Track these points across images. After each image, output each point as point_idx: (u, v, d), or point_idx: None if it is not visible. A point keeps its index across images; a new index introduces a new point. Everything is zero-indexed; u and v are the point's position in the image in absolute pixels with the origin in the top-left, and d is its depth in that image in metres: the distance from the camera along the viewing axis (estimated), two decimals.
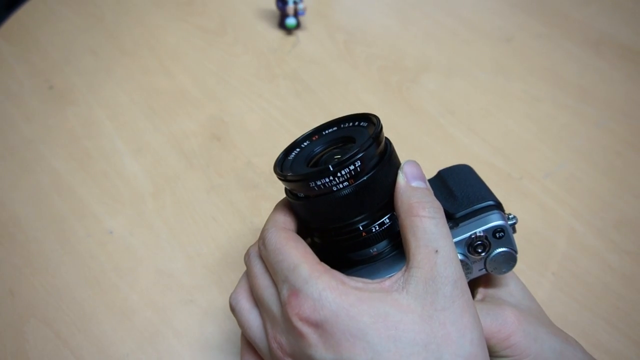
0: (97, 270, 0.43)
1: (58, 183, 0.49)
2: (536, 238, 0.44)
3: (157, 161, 0.51)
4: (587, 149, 0.52)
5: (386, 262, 0.29)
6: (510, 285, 0.32)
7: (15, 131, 0.54)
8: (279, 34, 0.65)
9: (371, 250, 0.29)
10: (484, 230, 0.29)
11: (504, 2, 0.69)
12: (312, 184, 0.26)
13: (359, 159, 0.26)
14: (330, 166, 0.26)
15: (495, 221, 0.29)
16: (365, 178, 0.26)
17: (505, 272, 0.30)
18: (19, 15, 0.67)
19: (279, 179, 0.29)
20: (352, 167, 0.26)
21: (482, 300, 0.31)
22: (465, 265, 0.29)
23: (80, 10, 0.68)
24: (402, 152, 0.30)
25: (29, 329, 0.39)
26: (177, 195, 0.48)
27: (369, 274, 0.27)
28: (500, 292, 0.31)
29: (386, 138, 0.29)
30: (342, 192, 0.26)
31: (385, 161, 0.27)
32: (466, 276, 0.29)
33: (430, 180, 0.34)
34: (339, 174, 0.26)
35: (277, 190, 0.47)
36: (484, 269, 0.30)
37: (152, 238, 0.45)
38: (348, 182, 0.26)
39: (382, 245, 0.29)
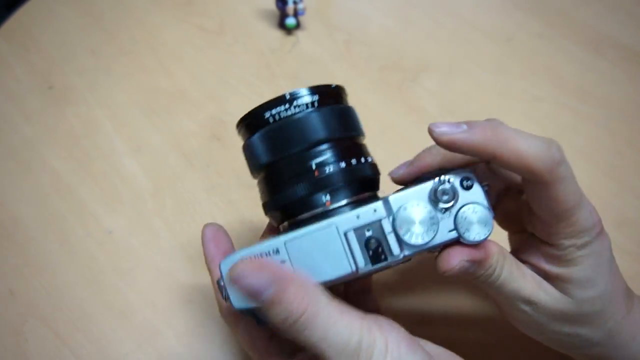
0: (96, 270, 0.43)
1: (57, 183, 0.49)
2: None
3: (156, 161, 0.51)
4: (587, 149, 0.52)
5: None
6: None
7: (15, 131, 0.54)
8: (278, 34, 0.64)
9: (324, 198, 0.27)
10: (450, 175, 0.26)
11: (504, 1, 0.69)
12: (267, 115, 0.28)
13: (317, 92, 0.28)
14: (287, 94, 0.27)
15: (463, 172, 0.27)
16: (325, 107, 0.28)
17: (477, 240, 0.26)
18: (19, 15, 0.67)
19: (238, 128, 0.31)
20: (310, 99, 0.28)
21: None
22: (432, 220, 0.26)
23: (80, 10, 0.68)
24: (402, 152, 0.30)
25: (29, 328, 0.39)
26: (176, 195, 0.48)
27: (315, 251, 0.25)
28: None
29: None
30: (297, 115, 0.28)
31: (345, 101, 0.30)
32: (432, 240, 0.26)
33: None
34: (294, 103, 0.27)
35: None
36: (454, 230, 0.26)
37: (152, 238, 0.45)
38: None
39: (339, 197, 0.27)
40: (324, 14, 0.67)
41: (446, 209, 0.26)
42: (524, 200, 0.29)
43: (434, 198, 0.26)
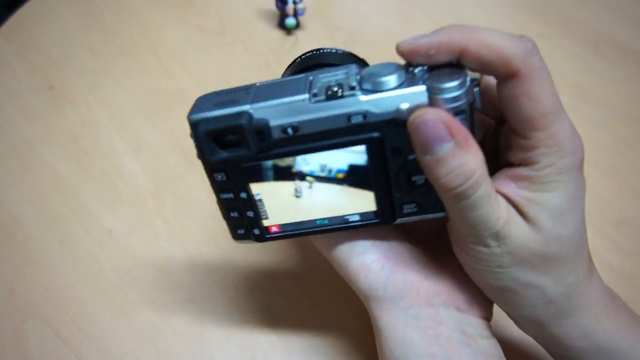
0: (96, 269, 0.43)
1: (57, 182, 0.49)
2: None
3: (156, 160, 0.51)
4: (587, 149, 0.51)
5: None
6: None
7: (15, 131, 0.54)
8: (278, 33, 0.65)
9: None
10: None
11: (503, 1, 0.69)
12: (298, 59, 0.34)
13: (344, 52, 0.34)
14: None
15: None
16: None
17: (449, 91, 0.23)
18: (19, 15, 0.67)
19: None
20: (336, 49, 0.35)
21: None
22: (400, 74, 0.24)
23: (79, 10, 0.68)
24: None
25: (29, 327, 0.39)
26: (176, 194, 0.48)
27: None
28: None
29: None
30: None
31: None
32: (397, 88, 0.23)
33: None
34: (322, 49, 0.35)
35: None
36: (423, 85, 0.23)
37: (152, 237, 0.45)
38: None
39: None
40: (324, 14, 0.68)
41: (419, 73, 0.24)
42: (499, 131, 0.27)
43: (405, 66, 0.24)
